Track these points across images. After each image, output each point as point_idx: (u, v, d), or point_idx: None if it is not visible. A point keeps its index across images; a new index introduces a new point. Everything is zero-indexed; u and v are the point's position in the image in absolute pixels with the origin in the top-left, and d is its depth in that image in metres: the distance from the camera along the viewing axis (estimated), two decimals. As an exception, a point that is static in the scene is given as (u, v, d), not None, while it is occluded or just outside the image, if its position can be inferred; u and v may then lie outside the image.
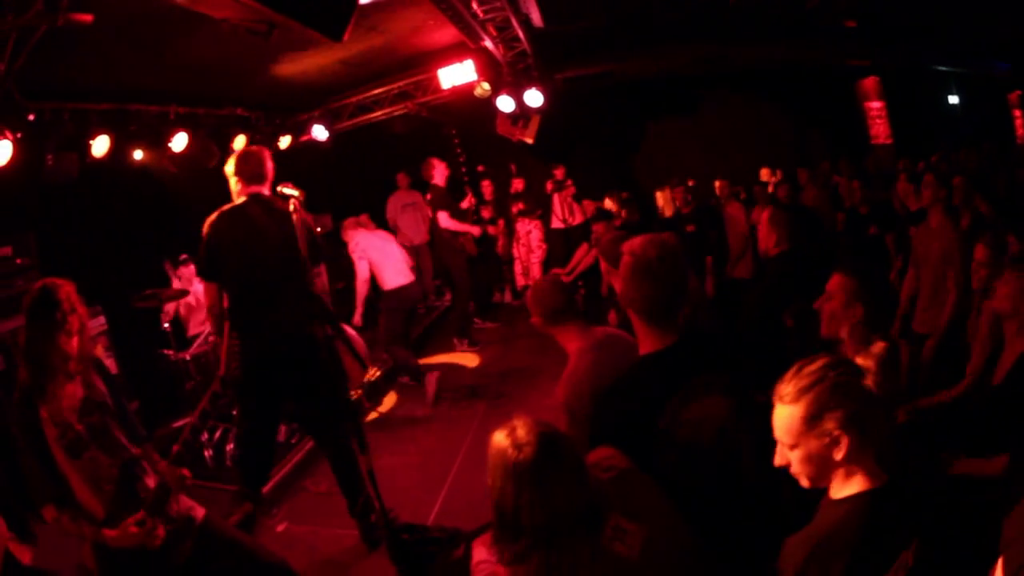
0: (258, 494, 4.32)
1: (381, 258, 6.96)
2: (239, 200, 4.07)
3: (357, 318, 7.03)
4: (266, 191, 4.09)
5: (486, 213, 10.33)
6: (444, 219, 8.09)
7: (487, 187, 10.51)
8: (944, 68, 11.76)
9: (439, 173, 8.22)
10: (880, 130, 12.15)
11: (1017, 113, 13.06)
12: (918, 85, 12.34)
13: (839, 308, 2.79)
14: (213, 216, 3.98)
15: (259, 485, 4.34)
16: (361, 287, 7.06)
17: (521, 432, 1.68)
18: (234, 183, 4.11)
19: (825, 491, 1.69)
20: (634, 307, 2.11)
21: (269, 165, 4.12)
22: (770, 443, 1.70)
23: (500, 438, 1.71)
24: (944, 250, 4.44)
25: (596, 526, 1.65)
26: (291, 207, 3.89)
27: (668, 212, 9.25)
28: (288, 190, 3.98)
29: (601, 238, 3.97)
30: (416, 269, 7.62)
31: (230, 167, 4.12)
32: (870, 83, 12.05)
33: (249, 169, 4.06)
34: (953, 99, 13.67)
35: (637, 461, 1.86)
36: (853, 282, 2.78)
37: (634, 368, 2.14)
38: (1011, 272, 2.77)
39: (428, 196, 8.40)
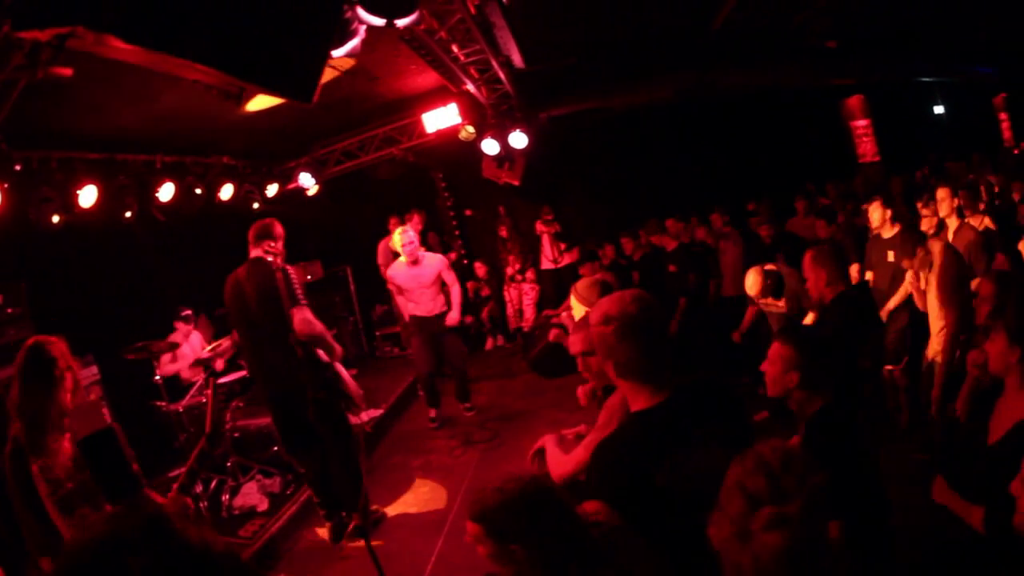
0: (336, 514, 4.90)
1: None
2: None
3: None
4: (258, 252, 4.68)
5: (485, 292, 10.58)
6: None
7: (480, 268, 10.72)
8: (928, 79, 11.81)
9: (413, 226, 7.90)
10: (867, 148, 12.19)
11: (1003, 116, 13.07)
12: (902, 99, 12.40)
13: (779, 375, 2.69)
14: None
15: (337, 508, 4.91)
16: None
17: (493, 495, 1.71)
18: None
19: None
20: (619, 371, 2.03)
21: (263, 231, 4.74)
22: None
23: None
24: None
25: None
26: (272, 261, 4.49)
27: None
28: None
29: (576, 284, 3.92)
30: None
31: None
32: (855, 102, 12.11)
33: (250, 236, 4.75)
34: (939, 109, 13.71)
35: (635, 518, 1.83)
36: (790, 350, 2.66)
37: (625, 426, 2.08)
38: (997, 332, 2.49)
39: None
